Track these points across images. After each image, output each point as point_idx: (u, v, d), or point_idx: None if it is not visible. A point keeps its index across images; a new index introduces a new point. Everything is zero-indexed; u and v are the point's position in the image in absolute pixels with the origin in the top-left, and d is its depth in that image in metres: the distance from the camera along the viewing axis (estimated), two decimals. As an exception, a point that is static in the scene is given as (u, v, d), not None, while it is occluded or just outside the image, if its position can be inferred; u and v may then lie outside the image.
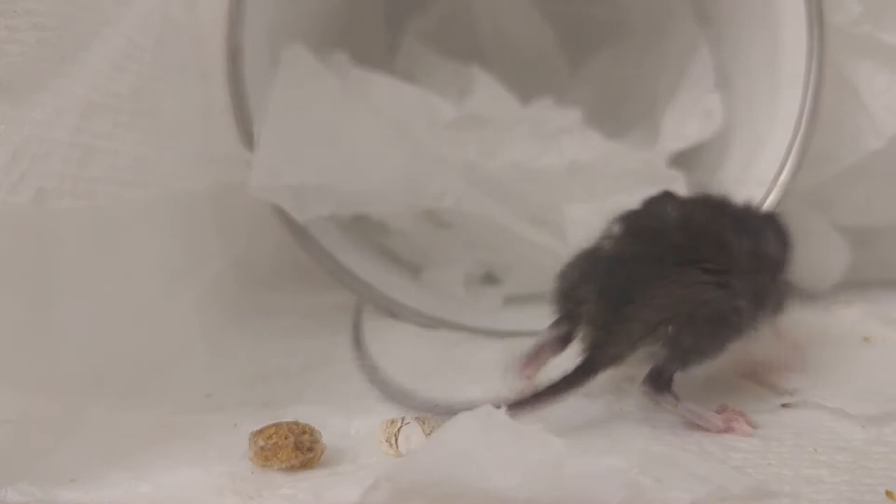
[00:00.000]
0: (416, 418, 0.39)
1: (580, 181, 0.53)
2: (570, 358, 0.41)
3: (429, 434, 0.38)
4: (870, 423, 0.41)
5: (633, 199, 0.53)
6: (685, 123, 0.59)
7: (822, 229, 0.62)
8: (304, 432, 0.37)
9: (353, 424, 0.41)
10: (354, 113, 0.53)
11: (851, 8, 0.53)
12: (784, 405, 0.43)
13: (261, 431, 0.37)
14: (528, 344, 0.43)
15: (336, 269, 0.54)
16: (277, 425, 0.37)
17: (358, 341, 0.48)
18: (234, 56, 0.53)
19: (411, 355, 0.50)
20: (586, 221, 0.53)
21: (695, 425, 0.40)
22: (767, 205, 0.52)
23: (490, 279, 0.59)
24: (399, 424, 0.39)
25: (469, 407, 0.36)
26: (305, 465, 0.37)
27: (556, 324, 0.43)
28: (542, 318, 0.55)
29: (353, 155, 0.51)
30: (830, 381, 0.45)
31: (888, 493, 0.35)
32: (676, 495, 0.33)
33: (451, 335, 0.53)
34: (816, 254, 0.61)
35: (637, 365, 0.41)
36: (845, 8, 0.54)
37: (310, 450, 0.37)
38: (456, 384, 0.45)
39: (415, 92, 0.58)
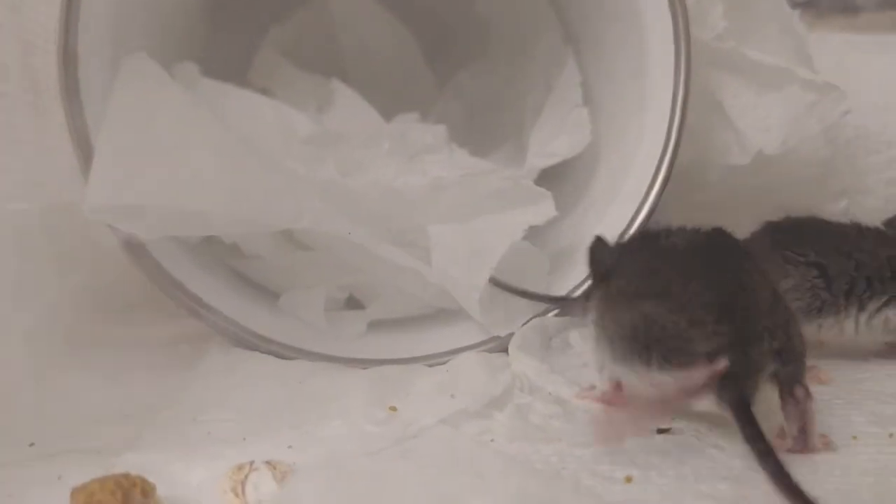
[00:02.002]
0: (267, 463, 0.35)
1: (444, 201, 0.50)
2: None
3: (281, 481, 0.34)
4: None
5: (501, 219, 0.51)
6: (552, 140, 0.58)
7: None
8: (133, 485, 0.32)
9: (195, 473, 0.36)
10: (202, 126, 0.48)
11: (716, 23, 0.53)
12: (660, 431, 0.41)
13: (83, 487, 0.32)
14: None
15: (182, 296, 0.49)
16: (103, 480, 0.32)
17: None
18: (68, 63, 0.48)
19: (265, 389, 0.45)
20: (451, 243, 0.50)
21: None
22: (639, 220, 0.51)
23: (354, 304, 0.56)
24: (247, 471, 0.35)
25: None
26: (136, 524, 0.32)
27: None
28: (409, 344, 0.52)
29: (199, 171, 0.47)
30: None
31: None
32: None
33: (308, 365, 0.49)
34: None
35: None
36: (710, 24, 0.53)
37: (141, 506, 0.32)
38: (310, 419, 0.42)
39: (270, 105, 0.55)
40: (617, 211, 0.52)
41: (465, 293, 0.49)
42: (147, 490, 0.32)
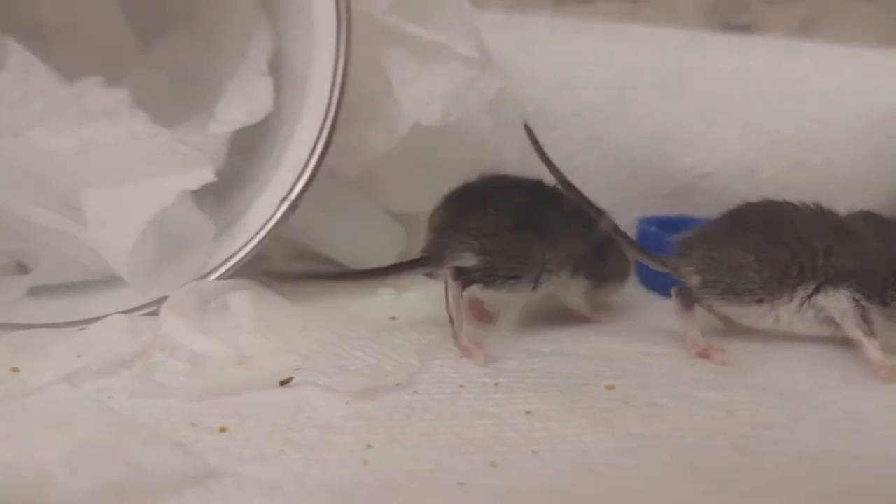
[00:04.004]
0: None
1: (98, 164, 0.50)
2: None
3: None
4: (355, 398, 0.42)
5: (156, 183, 0.51)
6: (234, 107, 0.58)
7: (377, 216, 0.64)
8: None
9: None
10: None
11: (382, -1, 0.55)
12: (282, 383, 0.43)
13: None
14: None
15: None
16: None
17: None
18: None
19: None
20: (102, 207, 0.50)
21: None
22: (299, 186, 0.52)
23: (22, 269, 0.54)
24: None
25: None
26: None
27: None
28: (69, 309, 0.52)
29: None
30: (329, 359, 0.45)
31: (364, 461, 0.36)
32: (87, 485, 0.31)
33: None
34: (373, 239, 0.63)
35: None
36: (377, -1, 0.55)
37: None
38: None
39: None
40: (280, 178, 0.54)
41: (114, 256, 0.49)
42: None
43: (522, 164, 0.63)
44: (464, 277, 0.49)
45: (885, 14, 0.95)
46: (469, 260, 0.50)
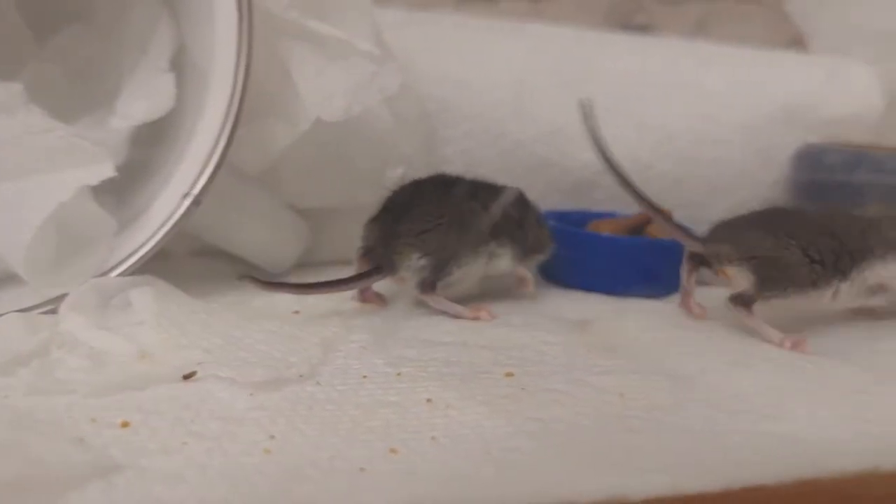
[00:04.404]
0: None
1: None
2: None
3: None
4: (258, 390, 0.42)
5: (54, 178, 0.50)
6: (135, 103, 0.58)
7: (281, 211, 0.64)
8: None
9: None
10: None
11: (283, -7, 0.55)
12: (185, 377, 0.43)
13: None
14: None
15: None
16: None
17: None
18: None
19: None
20: (2, 202, 0.49)
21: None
22: (201, 182, 0.53)
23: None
24: None
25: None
26: None
27: None
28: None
29: None
30: (232, 352, 0.46)
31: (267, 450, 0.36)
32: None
33: None
34: (276, 235, 0.64)
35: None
36: (279, -5, 0.56)
37: None
38: None
39: None
40: (183, 173, 0.53)
41: (11, 253, 0.49)
42: None
43: (423, 158, 0.65)
44: (428, 286, 0.55)
45: (773, 16, 1.00)
46: (419, 260, 0.55)
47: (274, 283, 0.55)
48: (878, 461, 0.36)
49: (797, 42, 0.95)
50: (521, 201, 0.61)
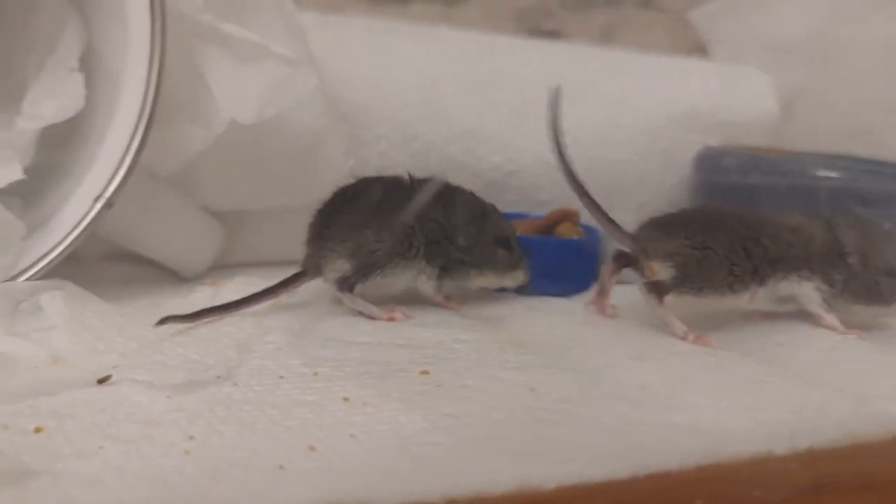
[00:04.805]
0: None
1: None
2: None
3: None
4: (176, 392, 0.42)
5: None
6: (42, 103, 0.57)
7: (195, 214, 0.64)
8: None
9: None
10: None
11: (197, -3, 0.55)
12: (100, 381, 0.43)
13: None
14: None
15: None
16: None
17: None
18: None
19: None
20: None
21: None
22: (114, 185, 0.52)
23: None
24: None
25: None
26: None
27: None
28: None
29: None
30: (148, 356, 0.46)
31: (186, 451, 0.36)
32: None
33: None
34: (191, 238, 0.63)
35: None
36: (191, -3, 0.55)
37: None
38: None
39: None
40: (94, 176, 0.53)
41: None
42: None
43: (338, 161, 0.65)
44: (346, 286, 0.56)
45: (676, 24, 1.03)
46: (343, 265, 0.56)
47: (195, 314, 0.52)
48: (771, 445, 0.39)
49: (699, 50, 0.99)
50: (476, 217, 0.60)
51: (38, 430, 0.38)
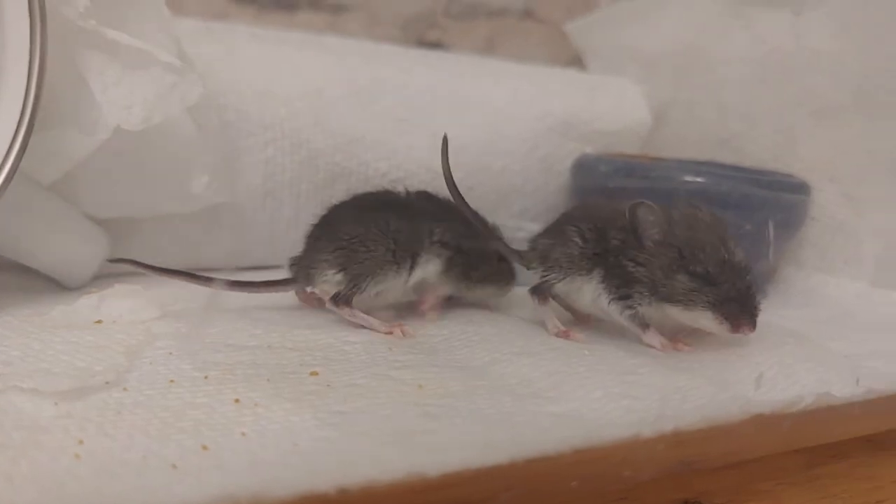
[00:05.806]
0: None
1: None
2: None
3: None
4: (63, 399, 0.42)
5: None
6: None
7: (78, 221, 0.63)
8: None
9: None
10: None
11: (78, 2, 0.55)
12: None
13: None
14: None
15: None
16: None
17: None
18: None
19: None
20: None
21: None
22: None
23: None
24: None
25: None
26: None
27: None
28: None
29: None
30: (33, 364, 0.45)
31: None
32: None
33: None
34: (73, 246, 0.63)
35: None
36: (74, 2, 0.55)
37: None
38: None
39: None
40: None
41: None
42: None
43: (223, 168, 0.66)
44: (342, 299, 0.57)
45: (555, 36, 1.07)
46: (333, 276, 0.58)
47: (156, 267, 0.58)
48: (639, 430, 0.42)
49: (576, 61, 1.03)
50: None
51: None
